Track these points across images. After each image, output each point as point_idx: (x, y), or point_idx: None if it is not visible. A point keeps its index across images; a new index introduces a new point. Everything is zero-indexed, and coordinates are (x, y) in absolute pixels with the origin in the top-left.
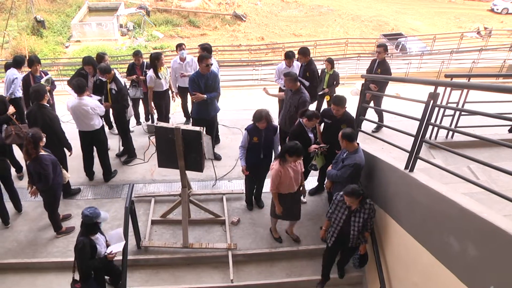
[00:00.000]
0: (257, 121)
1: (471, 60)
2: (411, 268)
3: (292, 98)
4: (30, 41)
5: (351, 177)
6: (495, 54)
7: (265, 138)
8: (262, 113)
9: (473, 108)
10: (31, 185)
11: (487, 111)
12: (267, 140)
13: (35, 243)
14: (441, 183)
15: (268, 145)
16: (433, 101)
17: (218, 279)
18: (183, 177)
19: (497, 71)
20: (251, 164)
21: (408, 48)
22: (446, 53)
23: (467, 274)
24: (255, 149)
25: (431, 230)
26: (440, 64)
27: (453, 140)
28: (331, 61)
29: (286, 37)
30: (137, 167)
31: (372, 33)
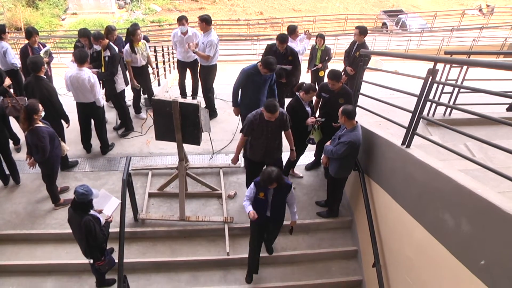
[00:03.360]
0: (265, 185)
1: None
2: (405, 242)
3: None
4: (25, 13)
5: (346, 154)
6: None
7: (274, 196)
8: (271, 175)
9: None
10: (29, 156)
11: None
12: (277, 199)
13: (33, 214)
14: (437, 160)
15: (278, 205)
16: (432, 77)
17: (214, 252)
18: (180, 150)
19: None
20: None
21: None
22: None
23: (460, 249)
24: (260, 205)
25: (426, 206)
26: (440, 42)
27: (451, 117)
28: (323, 37)
29: (285, 12)
30: (134, 140)
31: (372, 9)
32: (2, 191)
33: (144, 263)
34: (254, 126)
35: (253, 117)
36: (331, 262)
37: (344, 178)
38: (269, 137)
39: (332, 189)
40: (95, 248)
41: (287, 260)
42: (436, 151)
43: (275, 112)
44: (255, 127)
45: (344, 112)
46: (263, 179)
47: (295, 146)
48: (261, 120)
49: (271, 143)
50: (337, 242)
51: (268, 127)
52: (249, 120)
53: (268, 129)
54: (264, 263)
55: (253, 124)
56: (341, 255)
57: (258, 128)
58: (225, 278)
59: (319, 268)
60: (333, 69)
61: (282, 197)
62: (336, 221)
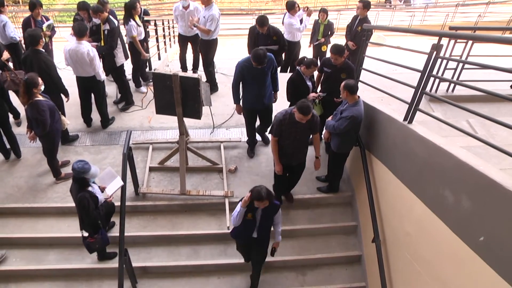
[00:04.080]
0: (256, 200)
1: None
2: (405, 218)
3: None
4: None
5: (348, 129)
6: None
7: (263, 217)
8: (261, 192)
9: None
10: (29, 130)
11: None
12: (264, 219)
13: (35, 188)
14: (439, 136)
15: (265, 226)
16: (436, 53)
17: (214, 226)
18: (181, 124)
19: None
20: (241, 242)
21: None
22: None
23: (459, 225)
24: (248, 226)
25: (426, 182)
26: (445, 17)
27: (454, 94)
28: (326, 11)
29: None
30: (134, 114)
31: None
32: (4, 165)
33: (144, 237)
34: (283, 126)
35: (283, 116)
36: (331, 237)
37: (346, 153)
38: (297, 139)
39: (333, 164)
40: (88, 224)
41: (287, 235)
42: (438, 128)
43: (308, 114)
44: (284, 128)
45: (346, 86)
46: (253, 196)
47: None
48: (291, 121)
49: (299, 145)
50: (337, 217)
51: (298, 129)
52: (278, 120)
53: (297, 130)
54: None
55: (282, 124)
56: (341, 230)
57: (287, 129)
58: (225, 252)
59: (318, 243)
60: (336, 43)
61: (270, 217)
62: (336, 196)
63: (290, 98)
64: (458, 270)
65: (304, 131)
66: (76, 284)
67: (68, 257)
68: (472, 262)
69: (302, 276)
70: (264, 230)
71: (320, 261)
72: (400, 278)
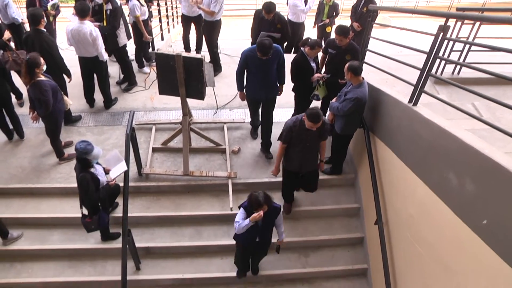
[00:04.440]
0: (254, 208)
1: None
2: (408, 200)
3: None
4: None
5: (352, 111)
6: None
7: (264, 221)
8: (258, 197)
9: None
10: (32, 110)
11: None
12: (266, 224)
13: (38, 169)
14: (444, 119)
15: (267, 229)
16: (443, 34)
17: (217, 207)
18: (184, 105)
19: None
20: (243, 245)
21: None
22: None
23: (463, 208)
24: (250, 232)
25: (430, 165)
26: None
27: (459, 76)
28: None
29: None
30: (137, 95)
31: None
32: (7, 145)
33: (148, 218)
34: (293, 133)
35: (293, 123)
36: (334, 219)
37: (349, 135)
38: (307, 146)
39: (337, 146)
40: (87, 205)
41: (290, 216)
42: (443, 110)
43: (317, 122)
44: (294, 134)
45: (351, 68)
46: (251, 203)
47: (300, 101)
48: (301, 128)
49: (309, 153)
50: (340, 199)
51: (308, 136)
52: (288, 126)
53: (307, 138)
54: None
55: (292, 131)
56: (344, 212)
57: (297, 136)
58: (228, 233)
59: (321, 224)
60: (341, 24)
61: (271, 221)
62: (339, 178)
63: (294, 79)
64: (460, 252)
65: (314, 138)
66: (80, 264)
67: (72, 237)
68: (474, 244)
69: (305, 257)
70: (266, 234)
71: (322, 242)
72: (402, 260)
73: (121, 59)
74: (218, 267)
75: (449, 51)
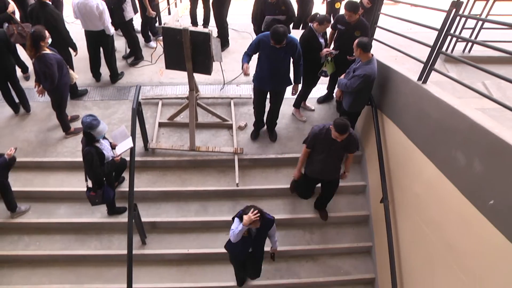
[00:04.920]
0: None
1: None
2: (415, 179)
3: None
4: None
5: (360, 88)
6: None
7: (258, 233)
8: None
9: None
10: (37, 84)
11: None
12: (259, 235)
13: (45, 143)
14: (453, 97)
15: (260, 240)
16: (455, 10)
17: (224, 183)
18: (191, 80)
19: None
20: (236, 256)
21: None
22: None
23: (470, 188)
24: (243, 242)
25: (438, 144)
26: None
27: (470, 54)
28: None
29: None
30: (144, 69)
31: None
32: (13, 119)
33: (154, 192)
34: (318, 140)
35: (319, 130)
36: (339, 197)
37: (357, 113)
38: (331, 155)
39: None
40: (91, 179)
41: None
42: (452, 89)
43: (343, 133)
44: (318, 141)
45: (360, 44)
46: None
47: (307, 77)
48: (327, 136)
49: (331, 163)
50: None
51: (332, 146)
52: (313, 133)
53: (331, 147)
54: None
55: (317, 138)
56: (350, 189)
57: (321, 144)
58: (234, 208)
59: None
60: (351, 0)
61: (265, 232)
62: None
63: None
64: (465, 232)
65: (339, 149)
66: (86, 237)
67: (79, 211)
68: (480, 225)
69: (310, 234)
70: (259, 245)
71: (328, 219)
72: (407, 239)
73: (127, 33)
74: (223, 243)
75: (460, 28)
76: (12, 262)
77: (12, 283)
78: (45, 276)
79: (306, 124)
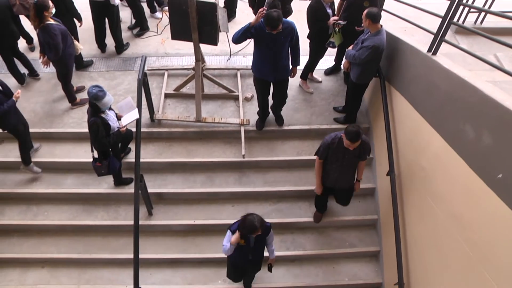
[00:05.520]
0: (250, 234)
1: None
2: (421, 152)
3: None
4: None
5: (368, 59)
6: None
7: (256, 241)
8: (254, 222)
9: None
10: (42, 55)
11: None
12: (258, 243)
13: (51, 114)
14: (464, 69)
15: (259, 247)
16: None
17: (230, 154)
18: (197, 51)
19: None
20: (235, 264)
21: None
22: None
23: (478, 161)
24: (242, 251)
25: (447, 116)
26: None
27: (482, 26)
28: None
29: None
30: (150, 40)
31: None
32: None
33: (160, 163)
34: (330, 150)
35: (331, 140)
36: None
37: (365, 84)
38: (344, 164)
39: (352, 95)
40: (97, 150)
41: (303, 164)
42: (463, 62)
43: (356, 142)
44: (331, 152)
45: (369, 15)
46: (245, 228)
47: (315, 49)
48: (339, 146)
49: (345, 172)
50: None
51: (345, 155)
52: (325, 143)
53: (344, 156)
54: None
55: (329, 148)
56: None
57: (334, 154)
58: (240, 180)
59: None
60: None
61: (263, 239)
62: None
63: (310, 27)
64: (472, 206)
65: (352, 158)
66: (93, 207)
67: (86, 181)
68: (488, 198)
69: None
70: (258, 252)
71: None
72: (413, 212)
73: (132, 3)
74: (229, 214)
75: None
76: (22, 231)
77: (22, 252)
78: (54, 245)
79: (313, 96)
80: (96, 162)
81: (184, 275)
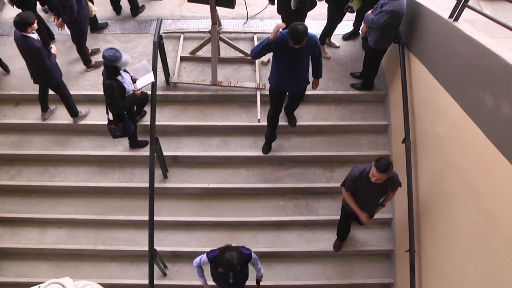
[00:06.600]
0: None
1: None
2: (438, 120)
3: None
4: None
5: (387, 24)
6: None
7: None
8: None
9: None
10: (57, 17)
11: None
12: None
13: (66, 76)
14: (487, 36)
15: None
16: None
17: (245, 118)
18: (213, 13)
19: None
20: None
21: None
22: None
23: (496, 131)
24: (221, 277)
25: (466, 84)
26: None
27: None
28: None
29: None
30: (165, 3)
31: None
32: None
33: (175, 126)
34: (357, 183)
35: (359, 173)
36: (361, 135)
37: (383, 50)
38: (371, 196)
39: (369, 61)
40: (112, 112)
41: (318, 130)
42: (485, 29)
43: (384, 172)
44: (358, 184)
45: None
46: (222, 265)
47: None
48: (367, 179)
49: (372, 201)
50: (369, 115)
51: (372, 188)
52: (353, 176)
53: (371, 189)
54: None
55: (357, 182)
56: (372, 128)
57: (361, 186)
58: (255, 144)
59: (348, 140)
60: None
61: (244, 265)
62: (369, 94)
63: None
64: (488, 176)
65: (379, 191)
66: (109, 170)
67: (101, 144)
68: (504, 169)
69: (330, 172)
70: (240, 276)
71: (348, 158)
72: (427, 181)
73: None
74: (243, 178)
75: None
76: (40, 192)
77: (41, 212)
78: (71, 206)
79: (330, 61)
80: (111, 125)
81: (198, 238)
